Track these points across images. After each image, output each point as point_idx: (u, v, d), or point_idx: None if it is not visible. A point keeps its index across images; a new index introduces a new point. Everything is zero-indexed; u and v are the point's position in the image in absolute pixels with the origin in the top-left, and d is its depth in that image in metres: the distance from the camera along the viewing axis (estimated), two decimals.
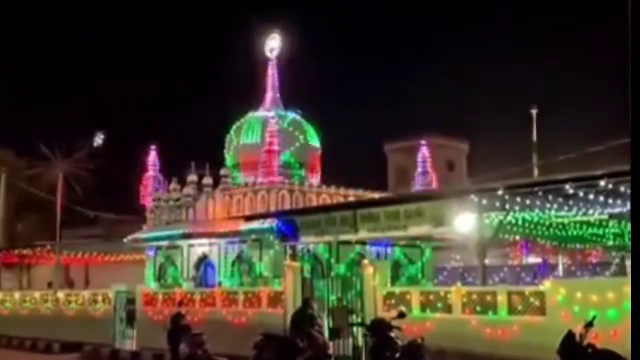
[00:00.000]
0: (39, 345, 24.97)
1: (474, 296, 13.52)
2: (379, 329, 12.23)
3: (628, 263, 25.61)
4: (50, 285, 33.88)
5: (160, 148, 30.70)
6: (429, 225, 17.55)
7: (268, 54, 31.15)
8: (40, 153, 35.89)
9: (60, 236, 32.33)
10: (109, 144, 38.27)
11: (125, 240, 29.99)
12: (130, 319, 22.81)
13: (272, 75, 31.25)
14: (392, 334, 12.07)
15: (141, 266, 31.13)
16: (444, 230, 18.07)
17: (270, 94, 31.17)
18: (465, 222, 16.64)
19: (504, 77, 68.39)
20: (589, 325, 9.27)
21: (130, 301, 23.25)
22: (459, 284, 15.76)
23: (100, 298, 24.41)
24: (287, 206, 25.96)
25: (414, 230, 18.14)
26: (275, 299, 17.95)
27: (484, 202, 16.11)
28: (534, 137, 35.20)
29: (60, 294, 27.03)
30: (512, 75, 66.08)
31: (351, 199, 27.29)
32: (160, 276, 29.34)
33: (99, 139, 36.06)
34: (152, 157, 30.36)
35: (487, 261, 17.19)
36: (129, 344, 22.02)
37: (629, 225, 21.15)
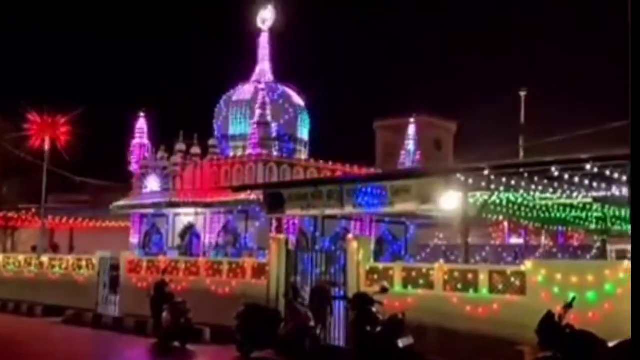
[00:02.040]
0: (22, 307, 24.93)
1: (456, 274, 13.59)
2: (360, 303, 12.31)
3: (609, 247, 25.89)
4: (34, 249, 33.77)
5: (149, 116, 30.55)
6: (415, 202, 17.57)
7: (260, 25, 30.91)
8: (27, 116, 35.58)
9: (46, 200, 32.18)
10: (98, 110, 38.00)
11: (111, 207, 29.92)
12: (114, 285, 22.78)
13: (263, 46, 31.03)
14: (374, 309, 12.15)
15: (126, 233, 31.09)
16: (429, 208, 18.11)
17: (261, 66, 30.99)
18: (450, 200, 16.67)
19: (495, 59, 68.33)
20: (569, 306, 9.37)
21: (114, 267, 23.19)
22: (441, 261, 15.83)
23: (84, 263, 24.32)
24: (274, 178, 25.94)
25: (400, 207, 18.17)
26: (260, 271, 17.99)
27: (470, 181, 16.12)
28: (522, 119, 35.32)
29: (45, 258, 26.93)
30: (503, 58, 66.07)
31: (338, 173, 27.31)
32: (145, 244, 29.34)
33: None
34: (141, 123, 30.17)
35: (470, 240, 17.28)
36: (112, 310, 22.01)
37: (612, 209, 21.36)
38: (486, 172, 15.69)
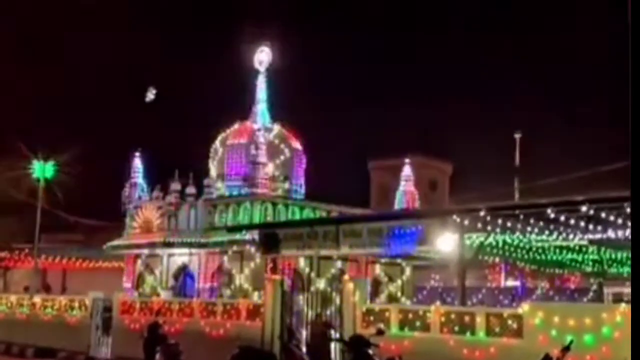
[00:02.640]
0: (13, 349, 24.68)
1: (453, 316, 13.57)
2: (357, 346, 12.22)
3: (606, 290, 25.85)
4: (26, 289, 33.53)
5: (144, 156, 30.59)
6: (411, 244, 17.58)
7: (257, 66, 31.23)
8: (21, 154, 35.63)
9: (39, 240, 32.04)
10: (92, 150, 38.11)
11: (104, 247, 29.80)
12: (107, 326, 22.61)
13: (260, 88, 31.32)
14: (370, 351, 12.06)
15: (119, 274, 30.91)
16: (425, 250, 18.13)
17: (258, 106, 31.22)
18: (446, 242, 16.71)
19: (491, 101, 68.99)
20: (566, 349, 9.34)
21: (107, 309, 23.06)
22: (438, 303, 15.81)
23: (76, 304, 24.19)
24: (270, 219, 25.93)
25: (396, 249, 18.17)
26: (255, 312, 17.90)
27: (466, 222, 16.20)
28: (517, 161, 35.55)
29: (37, 299, 26.77)
30: (499, 100, 66.65)
31: (334, 214, 27.33)
32: (138, 285, 29.15)
33: (151, 94, 35.07)
34: (136, 163, 30.23)
35: (466, 282, 17.26)
36: (104, 352, 21.82)
37: (608, 252, 21.38)
38: (482, 214, 15.77)
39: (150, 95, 35.20)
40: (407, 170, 30.58)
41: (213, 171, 29.96)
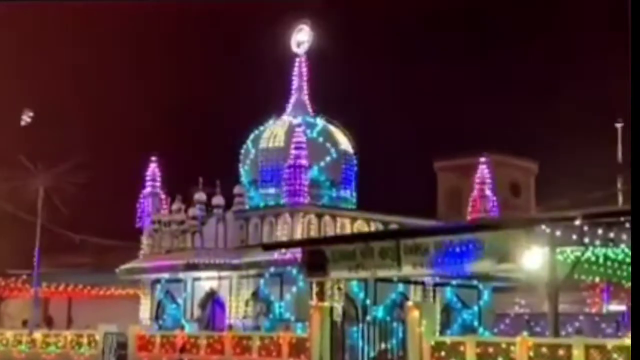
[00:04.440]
0: None
1: (544, 349, 13.46)
2: None
3: None
4: (25, 323, 34.17)
5: (162, 160, 30.94)
6: (490, 261, 17.49)
7: (295, 49, 31.36)
8: (18, 163, 36.38)
9: (39, 264, 32.66)
10: (102, 154, 38.76)
11: (117, 270, 30.23)
12: None
13: (299, 74, 31.42)
14: None
15: (135, 303, 31.33)
16: (507, 268, 17.98)
17: (296, 97, 31.34)
18: (533, 258, 16.57)
19: (582, 85, 67.95)
20: None
21: (122, 345, 23.39)
22: (524, 333, 15.64)
23: (85, 340, 24.61)
24: (314, 233, 25.98)
25: (471, 267, 18.08)
26: (299, 347, 17.98)
27: (558, 234, 16.04)
28: (619, 157, 34.93)
29: (37, 335, 27.29)
30: (592, 84, 65.63)
31: (393, 226, 27.25)
32: (158, 315, 29.50)
33: (27, 117, 35.92)
34: (152, 170, 30.57)
35: (559, 307, 17.08)
36: None
37: None
38: (578, 223, 15.61)
39: (26, 118, 35.89)
40: (482, 171, 30.32)
41: (244, 177, 30.18)
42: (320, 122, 30.47)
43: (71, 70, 61.90)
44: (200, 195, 28.97)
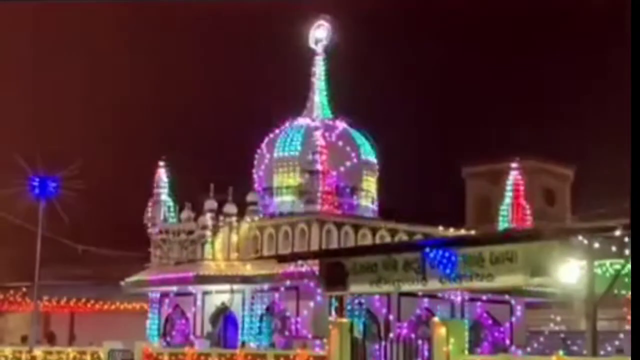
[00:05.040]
0: None
1: None
2: None
3: None
4: (25, 339, 34.32)
5: (171, 165, 31.01)
6: (522, 274, 17.41)
7: (313, 46, 31.40)
8: (17, 168, 36.57)
9: (40, 276, 32.80)
10: (105, 160, 38.93)
11: (122, 283, 30.33)
12: None
13: (317, 73, 31.45)
14: None
15: (142, 318, 31.40)
16: (541, 282, 17.90)
17: (314, 98, 31.36)
18: (569, 271, 16.48)
19: (621, 87, 67.58)
20: None
21: None
22: (560, 353, 15.55)
23: (88, 358, 24.69)
24: (333, 244, 25.95)
25: (503, 281, 18.00)
26: None
27: (596, 245, 15.94)
28: None
29: (38, 352, 27.41)
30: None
31: (418, 237, 27.19)
32: (166, 331, 29.56)
33: None
34: (161, 176, 30.64)
35: (598, 324, 16.96)
36: None
37: None
38: (618, 233, 15.49)
39: None
40: (514, 178, 30.23)
41: (258, 184, 30.22)
42: (340, 125, 30.48)
43: (83, 73, 62.69)
44: (211, 203, 29.02)
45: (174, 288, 28.87)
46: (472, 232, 29.36)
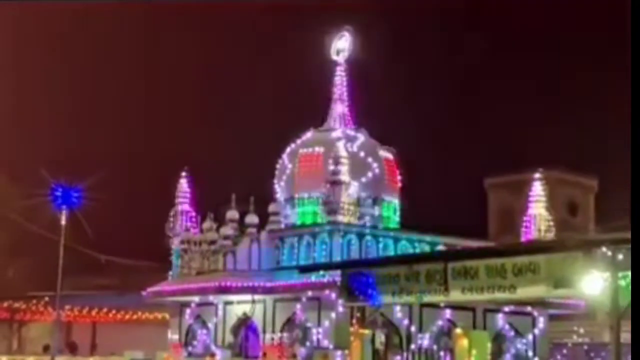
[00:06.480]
0: None
1: None
2: None
3: None
4: (46, 348, 34.49)
5: (193, 176, 31.11)
6: (545, 285, 17.34)
7: (335, 57, 31.44)
8: (40, 180, 36.76)
9: (62, 286, 32.94)
10: (128, 170, 39.08)
11: (144, 293, 30.41)
12: None
13: (339, 84, 31.48)
14: None
15: (163, 327, 31.47)
16: (564, 294, 17.82)
17: (336, 108, 31.40)
18: (593, 283, 16.40)
19: None
20: None
21: None
22: None
23: None
24: (355, 255, 25.93)
25: (525, 292, 17.94)
26: None
27: (620, 257, 15.85)
28: None
29: None
30: None
31: (440, 247, 27.12)
32: (187, 341, 29.61)
33: None
34: (183, 186, 30.75)
35: (622, 337, 16.85)
36: None
37: None
38: None
39: None
40: (537, 189, 30.10)
41: (280, 194, 30.25)
42: (361, 135, 30.48)
43: (103, 82, 63.22)
44: (232, 214, 29.11)
45: (196, 298, 28.95)
46: (494, 244, 29.28)
